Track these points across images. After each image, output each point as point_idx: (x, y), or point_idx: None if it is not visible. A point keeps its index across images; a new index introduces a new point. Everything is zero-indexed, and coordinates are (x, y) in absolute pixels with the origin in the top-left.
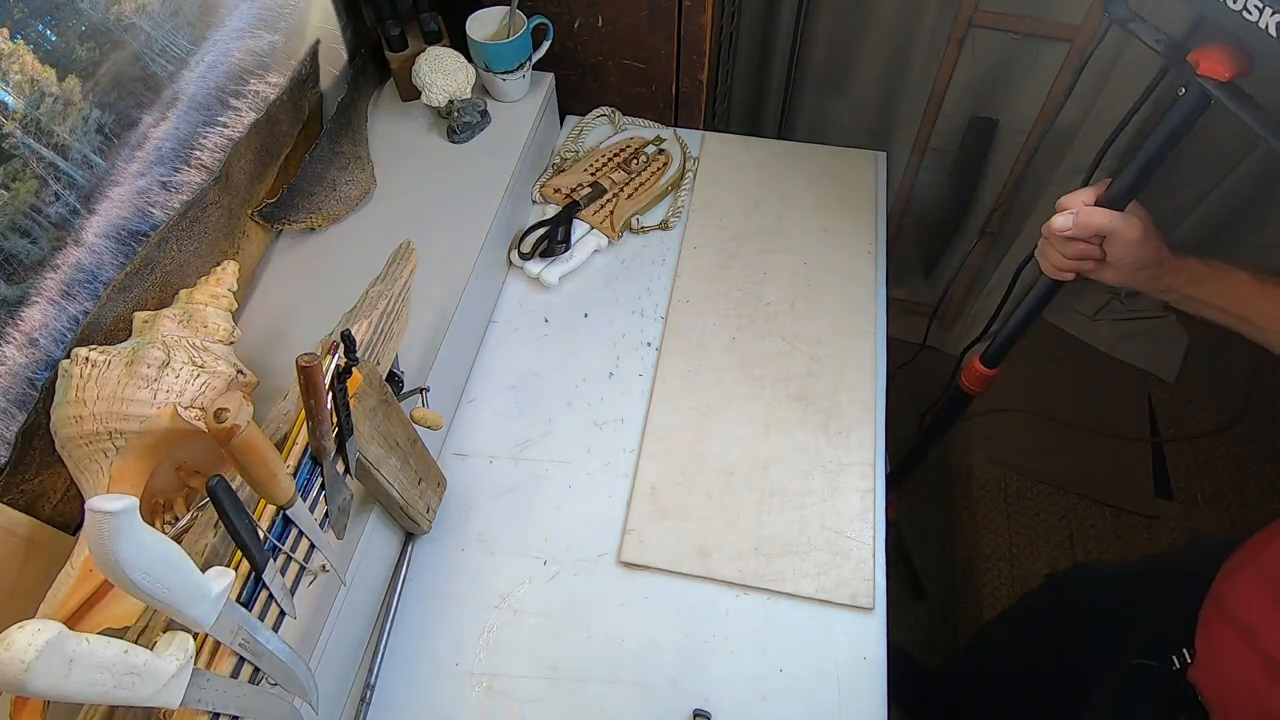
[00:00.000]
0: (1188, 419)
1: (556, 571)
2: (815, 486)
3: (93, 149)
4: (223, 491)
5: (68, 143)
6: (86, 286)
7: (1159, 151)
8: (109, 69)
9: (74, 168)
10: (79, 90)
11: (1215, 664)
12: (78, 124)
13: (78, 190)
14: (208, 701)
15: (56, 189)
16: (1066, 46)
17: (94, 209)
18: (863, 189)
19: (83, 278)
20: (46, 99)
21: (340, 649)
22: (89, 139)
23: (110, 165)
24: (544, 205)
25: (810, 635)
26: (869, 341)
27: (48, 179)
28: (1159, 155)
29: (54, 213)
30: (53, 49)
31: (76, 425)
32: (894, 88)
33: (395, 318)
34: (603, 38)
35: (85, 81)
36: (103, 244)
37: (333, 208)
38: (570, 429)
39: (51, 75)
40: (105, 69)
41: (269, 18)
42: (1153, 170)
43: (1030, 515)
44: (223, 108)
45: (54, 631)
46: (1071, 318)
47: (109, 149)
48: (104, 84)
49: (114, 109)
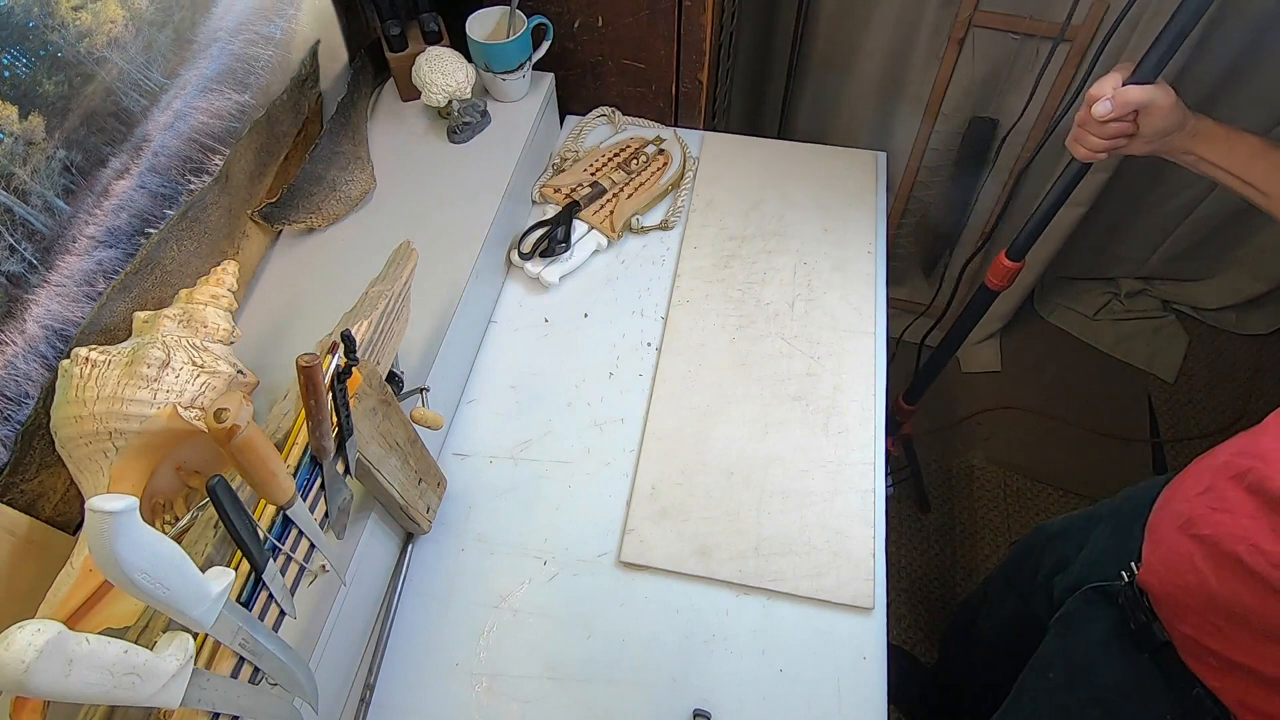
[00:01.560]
0: (1188, 419)
1: (556, 571)
2: (815, 486)
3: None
4: (223, 491)
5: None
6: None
7: (1188, 22)
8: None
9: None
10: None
11: (1161, 561)
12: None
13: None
14: (208, 701)
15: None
16: (1067, 46)
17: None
18: (863, 189)
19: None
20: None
21: (340, 649)
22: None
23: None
24: (544, 205)
25: (810, 635)
26: (869, 341)
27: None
28: (1187, 27)
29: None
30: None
31: (76, 425)
32: (894, 88)
33: (395, 318)
34: (603, 38)
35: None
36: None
37: (333, 208)
38: (570, 429)
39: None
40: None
41: (239, 72)
42: (1180, 42)
43: (1030, 515)
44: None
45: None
46: (1071, 318)
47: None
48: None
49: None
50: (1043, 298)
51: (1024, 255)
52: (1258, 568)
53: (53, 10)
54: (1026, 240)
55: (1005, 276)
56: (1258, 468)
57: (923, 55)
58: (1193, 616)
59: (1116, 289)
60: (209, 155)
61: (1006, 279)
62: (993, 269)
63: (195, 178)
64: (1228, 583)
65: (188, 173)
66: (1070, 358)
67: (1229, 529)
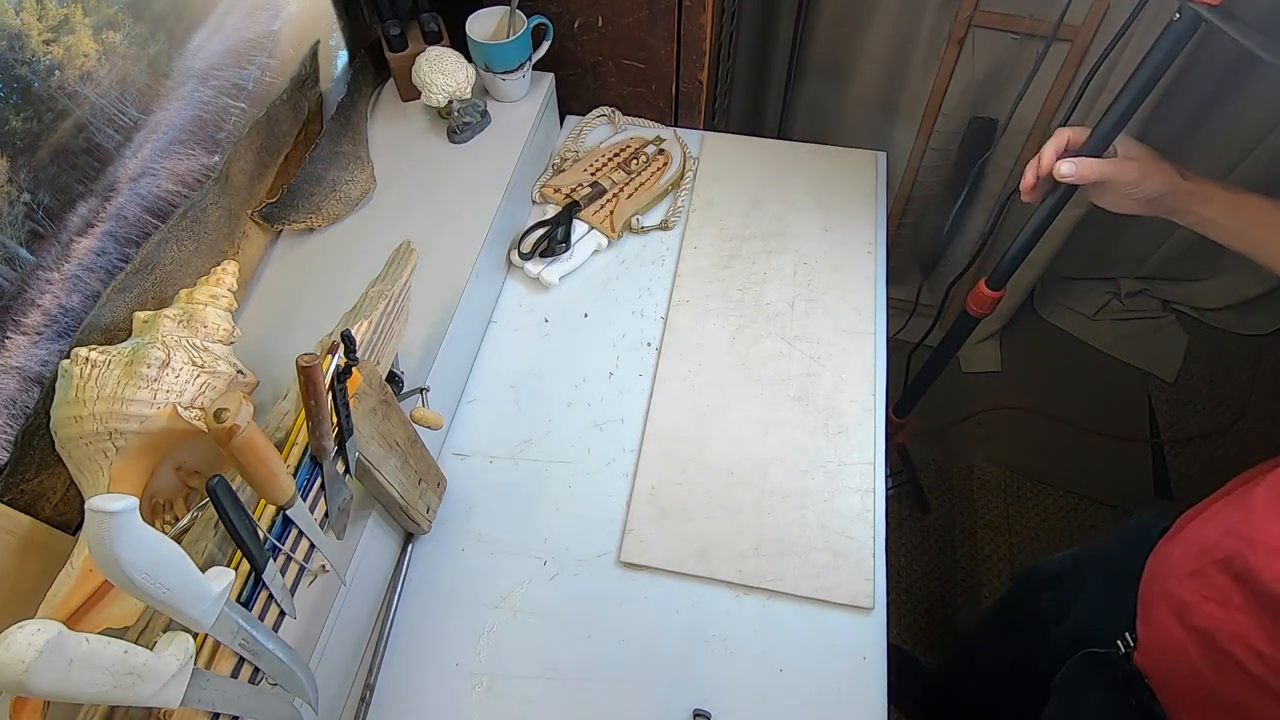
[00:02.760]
0: (1188, 419)
1: (556, 571)
2: (815, 486)
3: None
4: (223, 491)
5: None
6: None
7: (1147, 82)
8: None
9: None
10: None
11: (1155, 646)
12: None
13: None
14: (208, 701)
15: None
16: (1066, 46)
17: None
18: (863, 189)
19: None
20: None
21: (340, 649)
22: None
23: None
24: (544, 205)
25: (810, 635)
26: (869, 341)
27: None
28: (1147, 87)
29: None
30: None
31: (76, 425)
32: (894, 88)
33: (395, 318)
34: (603, 38)
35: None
36: None
37: (333, 208)
38: (570, 429)
39: None
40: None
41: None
42: (1139, 104)
43: (1030, 515)
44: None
45: (54, 631)
46: (1071, 318)
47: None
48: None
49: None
50: (1043, 298)
51: (1004, 284)
52: (1257, 672)
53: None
54: (1007, 269)
55: (986, 304)
56: (1245, 554)
57: (922, 55)
58: (1191, 704)
59: (1116, 289)
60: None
61: (987, 307)
62: (973, 296)
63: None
64: (1227, 681)
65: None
66: (1070, 358)
67: (1223, 624)
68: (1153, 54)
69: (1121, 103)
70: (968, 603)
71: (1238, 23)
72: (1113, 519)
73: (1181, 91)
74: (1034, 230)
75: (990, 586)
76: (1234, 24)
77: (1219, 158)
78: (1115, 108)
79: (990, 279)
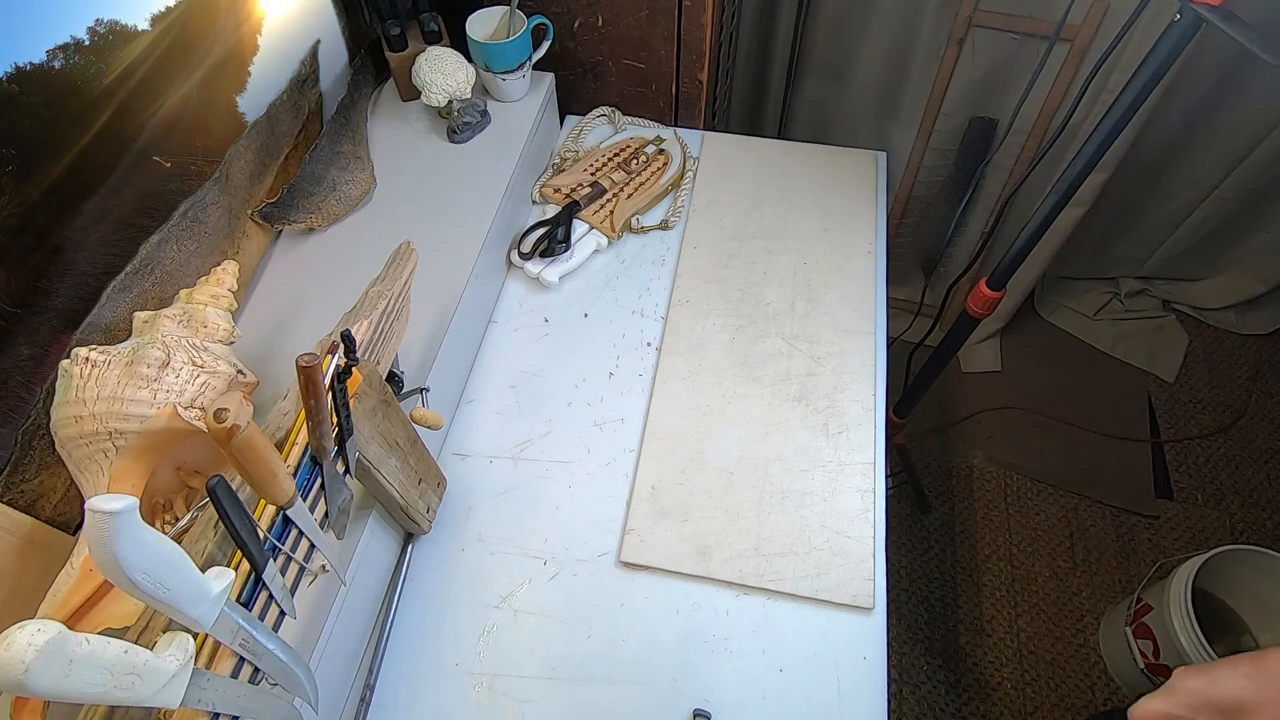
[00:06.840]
0: (1188, 419)
1: (556, 571)
2: (815, 486)
3: None
4: (223, 491)
5: None
6: None
7: (1147, 83)
8: None
9: None
10: None
11: None
12: None
13: None
14: (208, 701)
15: None
16: (1066, 46)
17: None
18: (863, 189)
19: None
20: None
21: (340, 649)
22: None
23: None
24: (544, 205)
25: (810, 635)
26: (869, 341)
27: None
28: (1147, 87)
29: None
30: None
31: (76, 425)
32: (894, 88)
33: (395, 318)
34: (603, 38)
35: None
36: None
37: (333, 208)
38: (570, 429)
39: None
40: None
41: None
42: (1139, 104)
43: (1030, 515)
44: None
45: (54, 631)
46: (1071, 318)
47: None
48: None
49: None
50: (1043, 298)
51: (1005, 284)
52: None
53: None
54: (1007, 269)
55: (986, 305)
56: None
57: (922, 55)
58: None
59: (1116, 289)
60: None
61: (988, 307)
62: (973, 297)
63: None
64: None
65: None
66: (1070, 358)
67: None
68: (1153, 54)
69: (1122, 103)
70: (968, 603)
71: (1238, 24)
72: (1113, 519)
73: (1181, 91)
74: (1034, 230)
75: (990, 586)
76: (1235, 25)
77: (1219, 158)
78: (1115, 108)
79: (990, 279)
